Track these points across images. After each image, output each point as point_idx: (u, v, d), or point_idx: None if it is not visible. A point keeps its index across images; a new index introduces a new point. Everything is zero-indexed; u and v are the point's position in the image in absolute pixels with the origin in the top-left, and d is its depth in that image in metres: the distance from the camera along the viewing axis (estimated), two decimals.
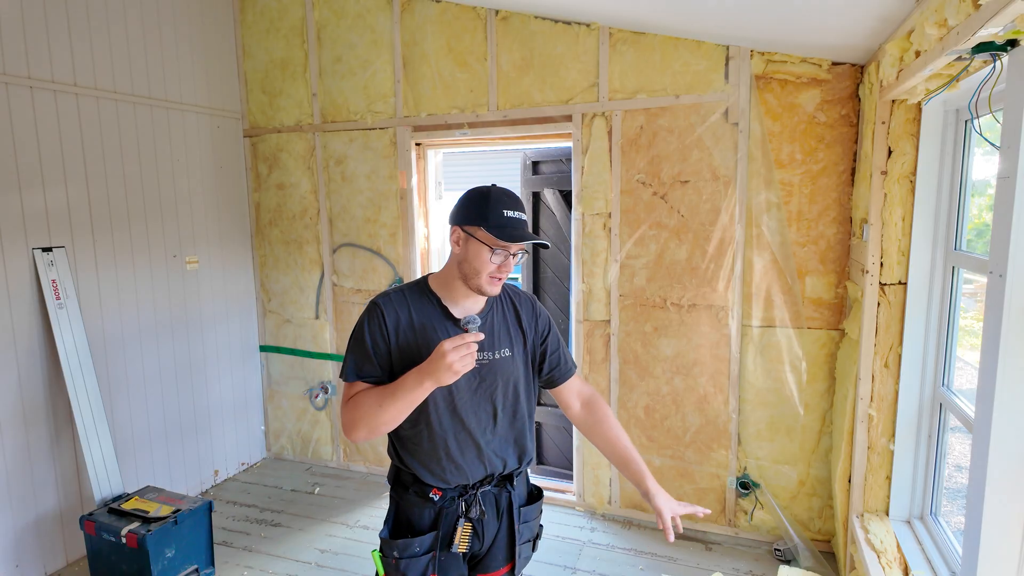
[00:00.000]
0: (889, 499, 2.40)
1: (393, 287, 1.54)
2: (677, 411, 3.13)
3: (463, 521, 1.53)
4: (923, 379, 2.28)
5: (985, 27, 1.30)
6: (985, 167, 2.12)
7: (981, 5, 1.33)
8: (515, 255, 1.44)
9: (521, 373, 1.58)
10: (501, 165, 10.08)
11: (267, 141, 3.84)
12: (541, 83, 3.14)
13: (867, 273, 2.34)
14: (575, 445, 3.39)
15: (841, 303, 2.81)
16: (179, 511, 2.67)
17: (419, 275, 3.64)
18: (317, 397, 3.93)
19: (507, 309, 1.59)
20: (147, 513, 2.66)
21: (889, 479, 2.40)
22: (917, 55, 1.82)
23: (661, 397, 3.15)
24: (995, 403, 1.41)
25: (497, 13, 3.17)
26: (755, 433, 3.01)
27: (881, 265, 2.32)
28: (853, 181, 2.73)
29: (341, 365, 1.79)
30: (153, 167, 3.32)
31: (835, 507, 2.75)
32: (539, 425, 3.76)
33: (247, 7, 3.77)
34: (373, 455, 3.92)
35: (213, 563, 2.86)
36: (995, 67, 1.48)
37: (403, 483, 1.57)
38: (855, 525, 2.39)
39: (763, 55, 2.75)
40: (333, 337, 3.87)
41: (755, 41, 2.69)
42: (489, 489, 1.56)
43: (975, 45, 1.43)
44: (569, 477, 3.58)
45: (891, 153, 2.24)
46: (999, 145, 1.42)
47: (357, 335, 1.47)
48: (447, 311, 1.49)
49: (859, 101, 2.67)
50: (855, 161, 2.71)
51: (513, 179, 3.65)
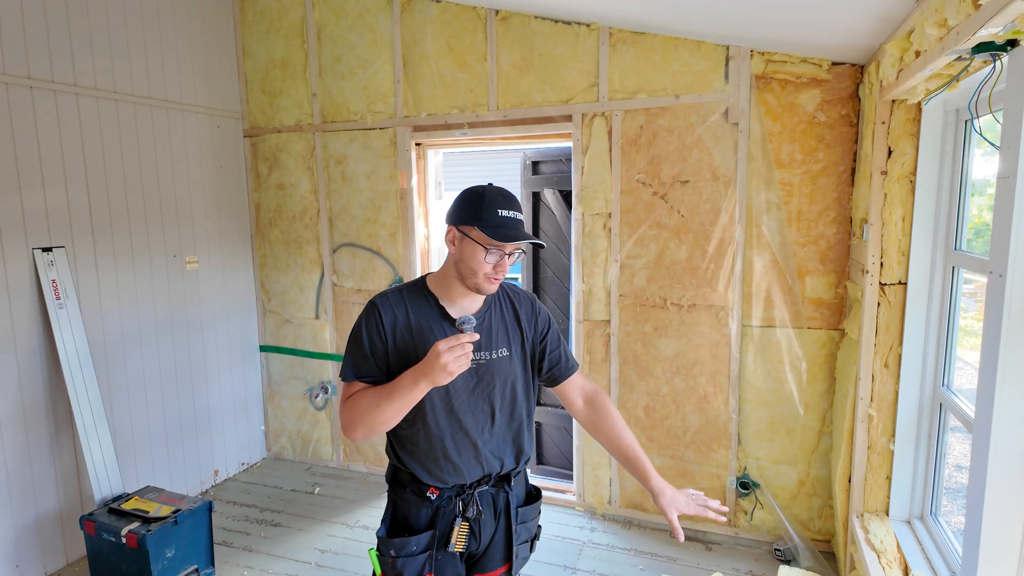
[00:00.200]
0: (889, 499, 2.40)
1: (391, 287, 1.55)
2: (677, 411, 3.13)
3: (460, 520, 1.53)
4: (923, 379, 2.28)
5: (985, 27, 1.30)
6: (985, 167, 2.12)
7: (981, 5, 1.33)
8: (511, 255, 1.44)
9: (519, 373, 1.58)
10: (501, 165, 10.07)
11: (267, 141, 3.84)
12: (541, 83, 3.14)
13: (867, 273, 2.34)
14: (575, 445, 3.39)
15: (841, 303, 2.81)
16: (179, 511, 2.68)
17: (419, 275, 3.63)
18: (317, 397, 3.93)
19: (505, 308, 1.59)
20: (147, 513, 2.66)
21: (889, 479, 2.40)
22: (917, 55, 1.82)
23: (661, 397, 3.15)
24: (995, 403, 1.41)
25: (497, 13, 3.17)
26: (755, 433, 3.01)
27: (881, 265, 2.32)
28: (853, 181, 2.73)
29: (340, 365, 1.79)
30: (153, 167, 3.33)
31: (835, 507, 2.75)
32: (539, 425, 3.76)
33: (247, 7, 3.77)
34: (373, 455, 3.92)
35: (213, 563, 2.86)
36: (995, 67, 1.48)
37: (400, 482, 1.57)
38: (855, 525, 2.39)
39: (763, 55, 2.75)
40: (333, 337, 3.87)
41: (755, 41, 2.69)
42: (487, 489, 1.56)
43: (975, 45, 1.43)
44: (569, 477, 3.58)
45: (891, 153, 2.24)
46: (999, 145, 1.42)
47: (355, 335, 1.48)
48: (444, 311, 1.49)
49: (859, 101, 2.67)
50: (855, 161, 2.71)
51: (513, 179, 3.66)
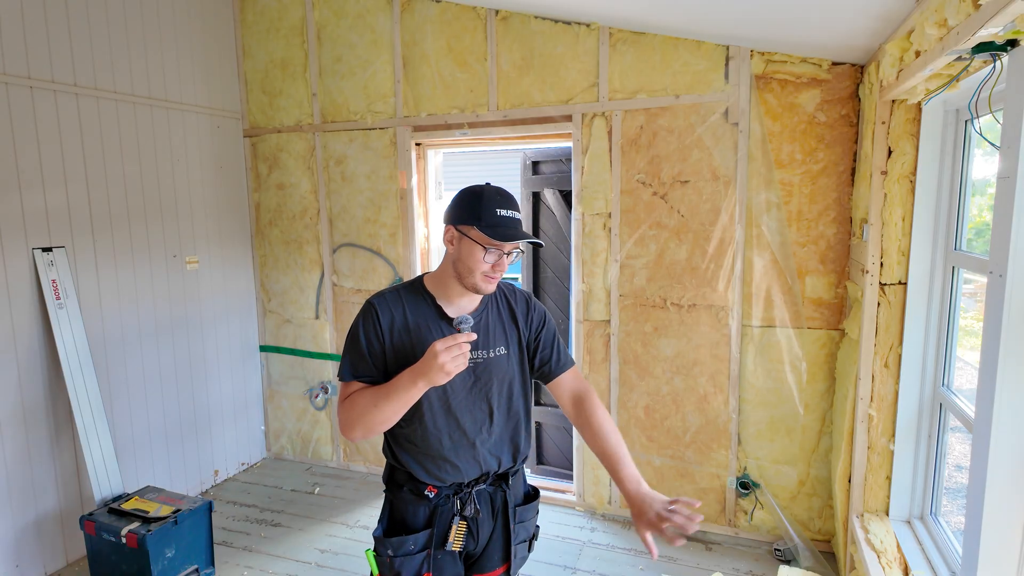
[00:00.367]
0: (889, 499, 2.40)
1: (389, 287, 1.55)
2: (677, 411, 3.13)
3: (458, 519, 1.52)
4: (923, 379, 2.28)
5: (985, 27, 1.30)
6: (985, 167, 2.12)
7: (981, 5, 1.33)
8: (510, 254, 1.44)
9: (516, 371, 1.58)
10: (501, 165, 10.07)
11: (267, 141, 3.84)
12: (541, 83, 3.14)
13: (867, 273, 2.34)
14: (575, 445, 3.39)
15: (841, 303, 2.81)
16: (179, 511, 2.68)
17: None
18: (317, 397, 3.93)
19: (502, 306, 1.59)
20: (147, 513, 2.66)
21: (889, 479, 2.40)
22: (917, 55, 1.82)
23: (661, 397, 3.15)
24: (995, 403, 1.41)
25: (497, 13, 3.16)
26: (755, 433, 3.01)
27: (881, 265, 2.32)
28: (853, 181, 2.73)
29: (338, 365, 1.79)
30: (153, 167, 3.32)
31: (835, 507, 2.75)
32: (539, 425, 3.76)
33: (247, 7, 3.77)
34: (373, 455, 3.92)
35: (213, 563, 2.86)
36: (995, 67, 1.48)
37: (398, 481, 1.56)
38: (855, 525, 2.39)
39: (763, 55, 2.75)
40: (333, 337, 3.87)
41: (755, 41, 2.69)
42: (484, 488, 1.56)
43: (975, 45, 1.43)
44: (569, 477, 3.58)
45: (891, 153, 2.24)
46: (999, 145, 1.42)
47: (353, 335, 1.48)
48: (441, 311, 1.49)
49: (859, 101, 2.67)
50: (855, 161, 2.71)
51: (513, 179, 3.66)
